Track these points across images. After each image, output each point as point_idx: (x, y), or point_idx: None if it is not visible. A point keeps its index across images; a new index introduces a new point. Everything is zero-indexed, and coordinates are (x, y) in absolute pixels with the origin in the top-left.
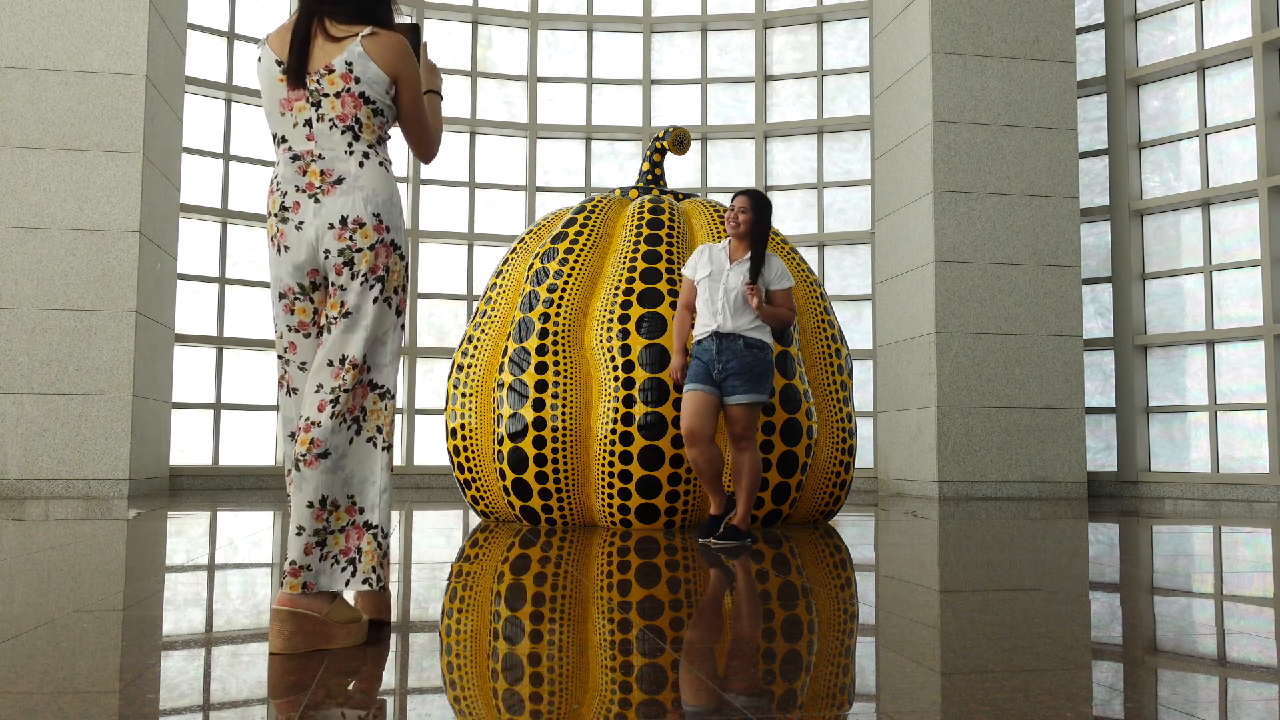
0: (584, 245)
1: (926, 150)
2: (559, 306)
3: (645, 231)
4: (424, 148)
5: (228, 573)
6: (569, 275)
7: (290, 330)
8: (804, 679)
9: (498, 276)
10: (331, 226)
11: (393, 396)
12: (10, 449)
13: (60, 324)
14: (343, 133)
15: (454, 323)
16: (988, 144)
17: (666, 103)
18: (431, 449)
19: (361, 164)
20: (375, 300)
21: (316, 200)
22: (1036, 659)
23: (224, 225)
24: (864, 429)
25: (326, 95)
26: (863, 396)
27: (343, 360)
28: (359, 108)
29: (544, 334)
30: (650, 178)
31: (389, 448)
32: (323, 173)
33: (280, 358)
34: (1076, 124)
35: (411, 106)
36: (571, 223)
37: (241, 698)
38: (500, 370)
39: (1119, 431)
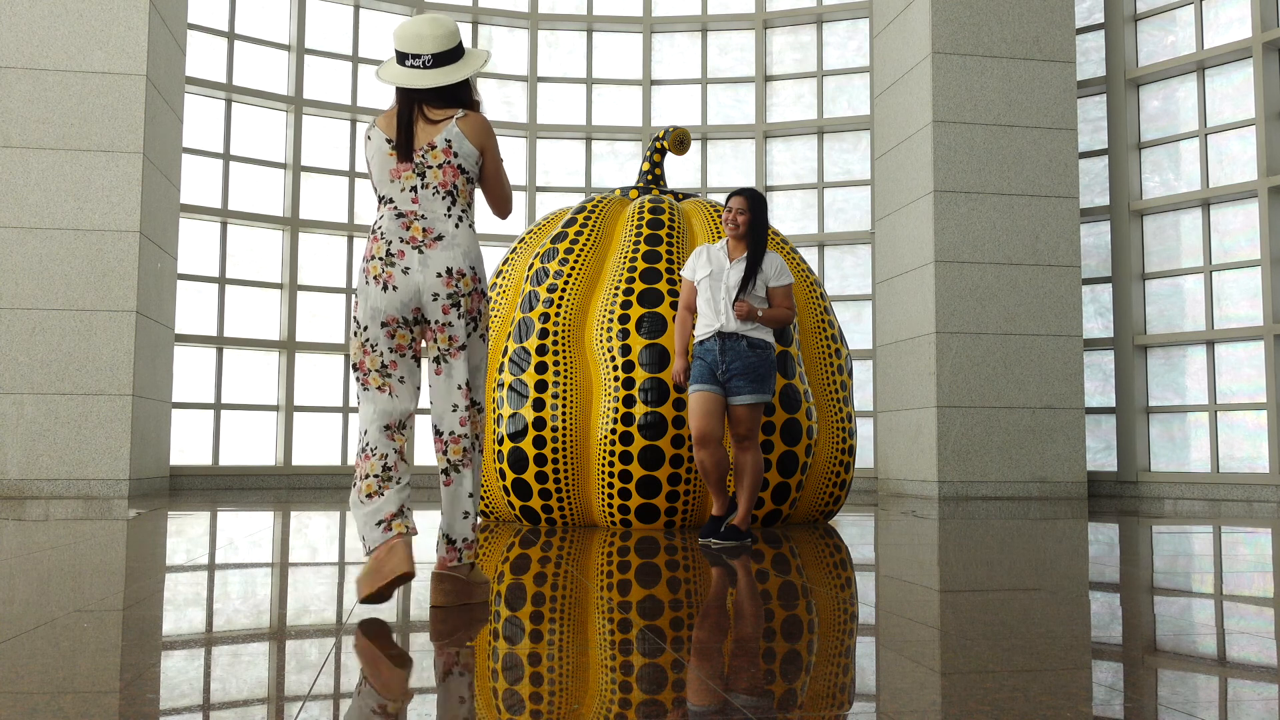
0: (584, 245)
1: (926, 150)
2: (559, 306)
3: (645, 231)
4: (502, 205)
5: (228, 573)
6: (569, 275)
7: (390, 350)
8: (804, 679)
9: (498, 276)
10: (439, 275)
11: (484, 409)
12: (10, 449)
13: (60, 324)
14: (443, 198)
15: None
16: (988, 144)
17: (666, 103)
18: (432, 449)
19: (457, 225)
20: (471, 335)
21: (420, 251)
22: (1036, 659)
23: (224, 225)
24: (864, 429)
25: (431, 167)
26: (863, 396)
27: (466, 384)
28: (457, 176)
29: (544, 334)
30: (650, 178)
31: (480, 448)
32: (425, 230)
33: (366, 370)
34: (1076, 124)
35: (494, 173)
36: (571, 223)
37: (241, 698)
38: (500, 370)
39: (1119, 431)
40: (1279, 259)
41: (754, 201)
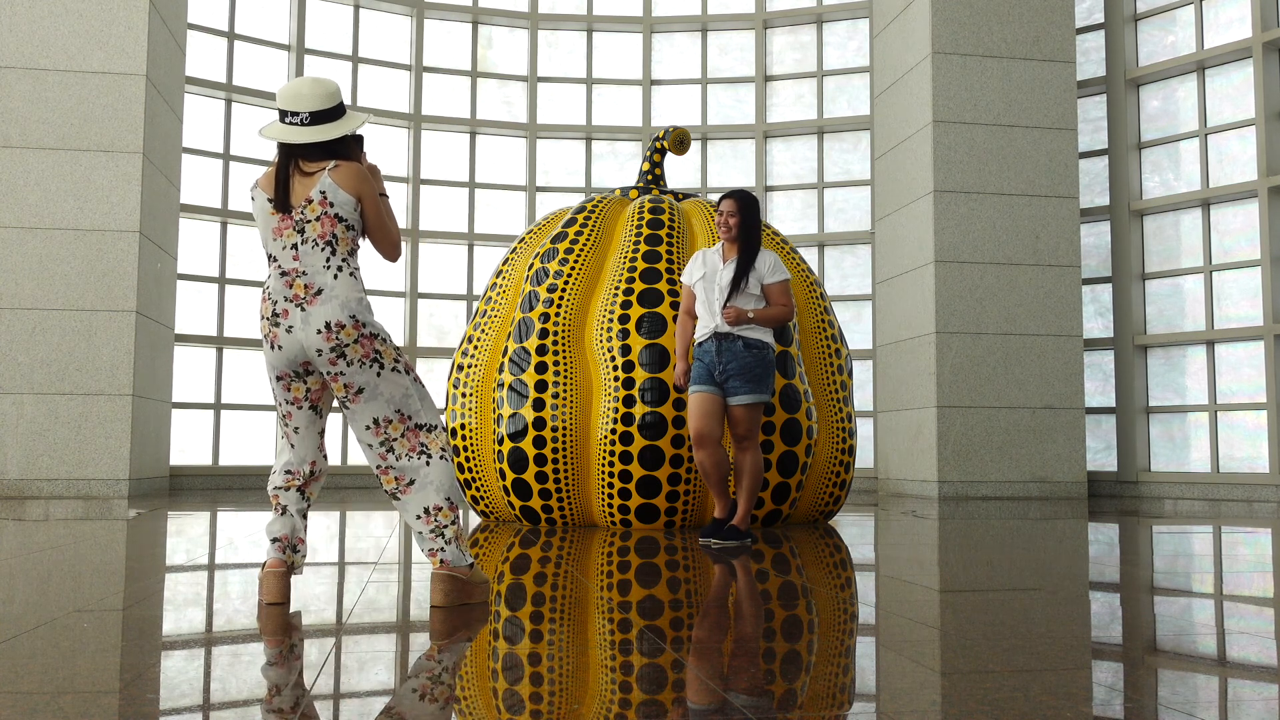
0: (584, 245)
1: (926, 150)
2: (559, 306)
3: (645, 232)
4: (388, 250)
5: (228, 573)
6: (569, 275)
7: (287, 403)
8: (804, 679)
9: (498, 276)
10: (319, 332)
11: (438, 425)
12: (10, 449)
13: (60, 324)
14: (322, 249)
15: (454, 323)
16: (988, 144)
17: (666, 103)
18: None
19: (336, 275)
20: (379, 374)
21: (302, 309)
22: (1036, 659)
23: (224, 225)
24: (864, 429)
25: (309, 221)
26: (863, 396)
27: (375, 422)
28: (334, 225)
29: (544, 334)
30: (650, 178)
31: (444, 457)
32: (306, 286)
33: (282, 419)
34: (1076, 124)
35: (375, 218)
36: (571, 223)
37: (241, 698)
38: (500, 370)
39: (1119, 431)
40: (1279, 259)
41: (744, 203)
